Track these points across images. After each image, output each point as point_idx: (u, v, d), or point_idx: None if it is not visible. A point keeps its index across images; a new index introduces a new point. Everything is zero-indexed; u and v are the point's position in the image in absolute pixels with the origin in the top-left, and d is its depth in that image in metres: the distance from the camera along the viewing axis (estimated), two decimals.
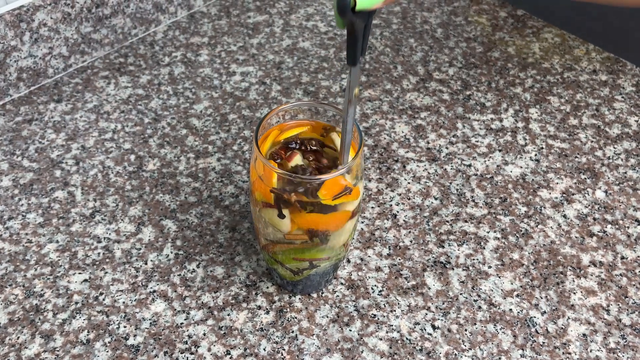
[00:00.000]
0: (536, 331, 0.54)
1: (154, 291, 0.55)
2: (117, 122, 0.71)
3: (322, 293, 0.56)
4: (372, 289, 0.56)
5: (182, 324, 0.53)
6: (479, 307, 0.55)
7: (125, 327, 0.53)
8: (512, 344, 0.53)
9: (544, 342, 0.53)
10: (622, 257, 0.59)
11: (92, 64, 0.77)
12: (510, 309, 0.55)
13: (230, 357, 0.51)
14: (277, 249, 0.50)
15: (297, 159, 0.48)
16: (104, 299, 0.55)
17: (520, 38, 0.83)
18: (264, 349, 0.52)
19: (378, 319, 0.54)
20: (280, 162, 0.48)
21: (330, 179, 0.45)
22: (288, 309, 0.54)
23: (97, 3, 0.74)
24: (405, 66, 0.79)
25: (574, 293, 0.56)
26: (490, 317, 0.54)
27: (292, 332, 0.53)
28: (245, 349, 0.52)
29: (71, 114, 0.71)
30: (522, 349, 0.52)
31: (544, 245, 0.60)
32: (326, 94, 0.74)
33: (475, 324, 0.54)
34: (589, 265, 0.58)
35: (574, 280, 0.57)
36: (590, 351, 0.52)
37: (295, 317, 0.54)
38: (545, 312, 0.55)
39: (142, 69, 0.77)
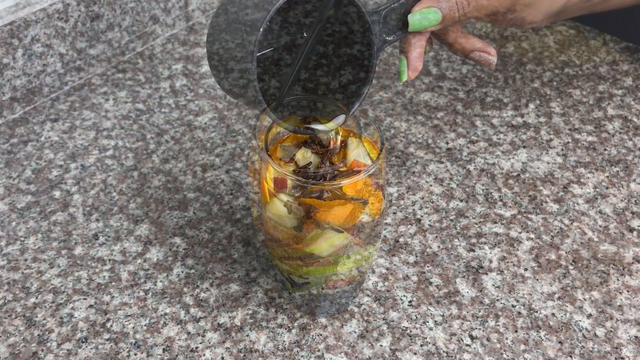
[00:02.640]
0: (583, 336, 0.49)
1: (166, 314, 0.51)
2: (118, 138, 0.67)
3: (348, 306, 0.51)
4: (401, 299, 0.52)
5: (197, 347, 0.49)
6: (519, 313, 0.51)
7: (136, 354, 0.49)
8: (559, 351, 0.48)
9: (593, 348, 0.48)
10: None
11: (89, 81, 0.74)
12: (553, 314, 0.51)
13: None
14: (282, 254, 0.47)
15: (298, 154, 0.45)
16: (111, 326, 0.51)
17: (534, 32, 0.80)
18: None
19: (410, 331, 0.50)
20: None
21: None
22: (312, 326, 0.50)
23: (92, 17, 0.71)
24: None
25: (620, 292, 0.52)
26: (531, 323, 0.50)
27: (319, 350, 0.48)
28: None
29: (69, 133, 0.67)
30: (571, 356, 0.48)
31: (581, 243, 0.56)
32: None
33: (516, 331, 0.50)
34: (632, 262, 0.54)
35: (618, 279, 0.53)
36: None
37: (320, 334, 0.50)
38: (590, 315, 0.51)
39: (142, 83, 0.74)
